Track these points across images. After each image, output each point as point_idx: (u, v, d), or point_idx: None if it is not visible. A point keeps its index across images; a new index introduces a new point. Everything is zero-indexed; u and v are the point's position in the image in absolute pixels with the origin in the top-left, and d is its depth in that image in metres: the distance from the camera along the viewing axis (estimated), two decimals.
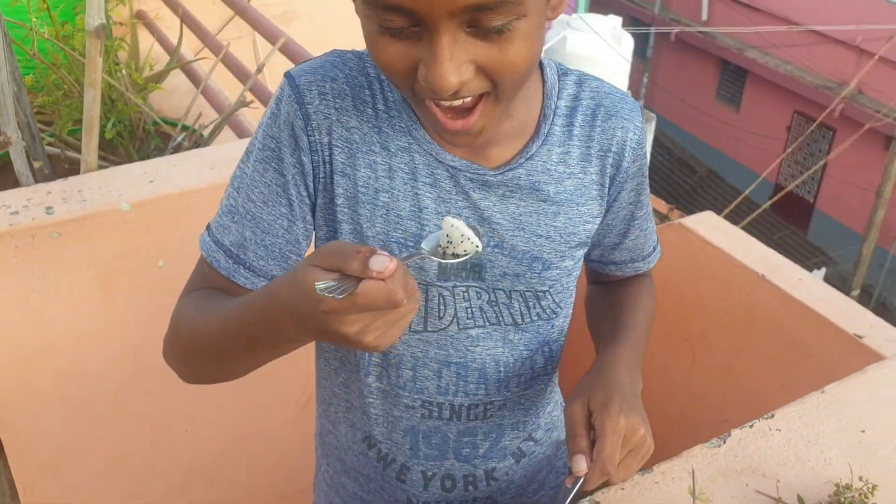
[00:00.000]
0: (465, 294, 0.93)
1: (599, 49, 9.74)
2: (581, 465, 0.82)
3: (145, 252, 1.45)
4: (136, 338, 1.53)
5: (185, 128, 2.10)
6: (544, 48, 0.89)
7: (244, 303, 0.77)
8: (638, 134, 0.96)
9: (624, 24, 10.60)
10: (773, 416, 1.11)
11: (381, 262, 0.62)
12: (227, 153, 1.58)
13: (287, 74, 0.90)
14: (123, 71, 2.22)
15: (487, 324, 0.96)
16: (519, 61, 0.75)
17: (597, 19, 10.43)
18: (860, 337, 1.52)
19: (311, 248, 0.88)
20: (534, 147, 0.92)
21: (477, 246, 0.74)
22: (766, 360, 1.82)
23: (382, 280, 0.62)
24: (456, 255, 0.75)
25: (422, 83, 0.75)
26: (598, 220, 0.98)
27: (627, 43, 10.11)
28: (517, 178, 0.91)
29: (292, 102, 0.87)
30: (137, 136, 2.09)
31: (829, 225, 14.58)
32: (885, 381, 1.18)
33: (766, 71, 14.97)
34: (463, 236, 0.74)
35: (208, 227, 0.94)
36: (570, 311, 1.04)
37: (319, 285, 0.62)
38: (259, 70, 2.12)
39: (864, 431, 1.08)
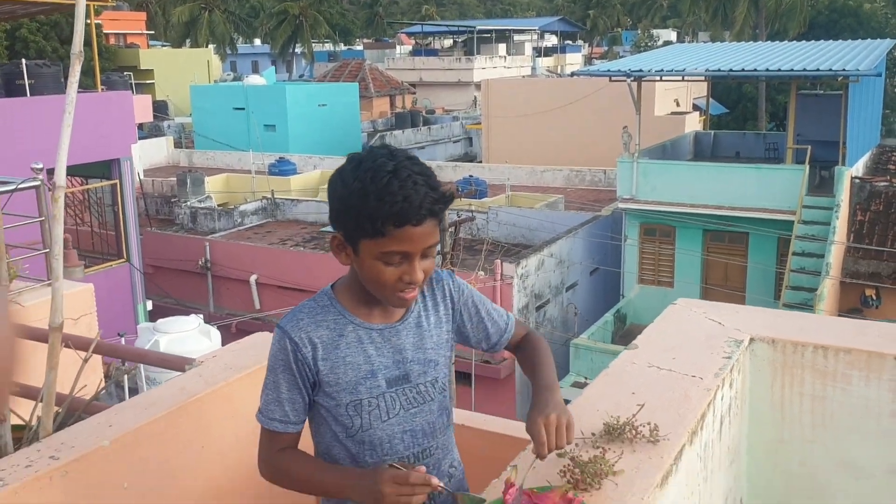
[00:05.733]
0: (404, 392, 1.75)
1: (192, 342, 10.50)
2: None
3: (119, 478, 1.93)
4: None
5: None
6: None
7: (323, 481, 1.68)
8: (451, 283, 1.84)
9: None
10: None
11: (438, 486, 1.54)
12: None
13: (279, 327, 1.72)
14: None
15: (419, 405, 1.77)
16: (433, 267, 1.70)
17: (180, 321, 11.22)
18: None
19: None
20: (412, 306, 1.77)
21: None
22: None
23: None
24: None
25: (405, 281, 1.63)
26: (451, 333, 1.85)
27: (216, 335, 11.02)
28: (409, 324, 1.76)
29: (286, 341, 1.68)
30: None
31: None
32: None
33: None
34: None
35: (260, 411, 1.72)
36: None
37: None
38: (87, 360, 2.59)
39: None
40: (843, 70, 14.90)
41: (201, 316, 10.83)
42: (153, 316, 15.66)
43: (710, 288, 17.35)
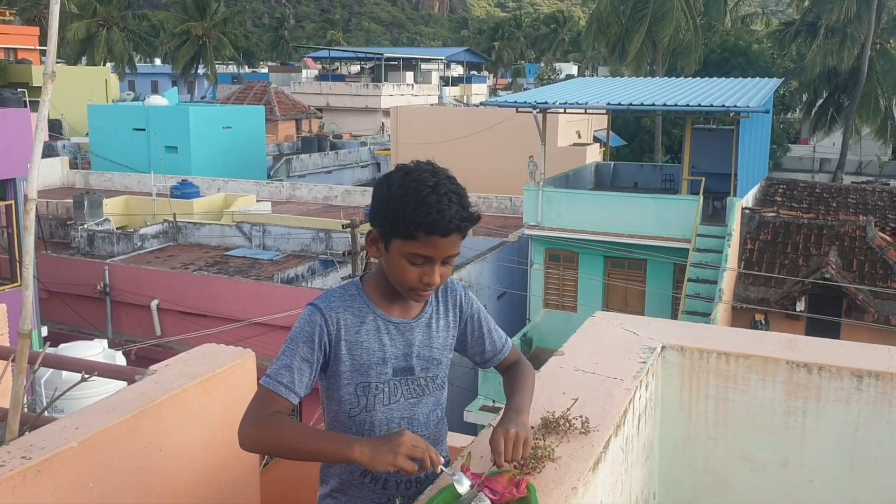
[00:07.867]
0: (407, 383, 1.95)
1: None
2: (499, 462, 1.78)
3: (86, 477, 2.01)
4: None
5: None
6: None
7: (321, 441, 1.76)
8: (463, 295, 2.06)
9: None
10: None
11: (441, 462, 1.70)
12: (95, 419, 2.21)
13: (312, 304, 1.89)
14: None
15: (418, 396, 1.96)
16: (449, 273, 1.88)
17: (84, 345, 10.89)
18: None
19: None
20: (426, 307, 1.99)
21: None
22: None
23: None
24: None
25: (424, 283, 1.82)
26: (454, 338, 2.04)
27: (121, 360, 10.75)
28: (421, 322, 1.97)
29: (318, 315, 1.86)
30: None
31: None
32: None
33: None
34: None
35: (268, 375, 1.85)
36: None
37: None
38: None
39: None
40: (735, 106, 15.89)
41: (105, 341, 10.55)
42: (48, 342, 15.02)
43: (611, 312, 17.98)
